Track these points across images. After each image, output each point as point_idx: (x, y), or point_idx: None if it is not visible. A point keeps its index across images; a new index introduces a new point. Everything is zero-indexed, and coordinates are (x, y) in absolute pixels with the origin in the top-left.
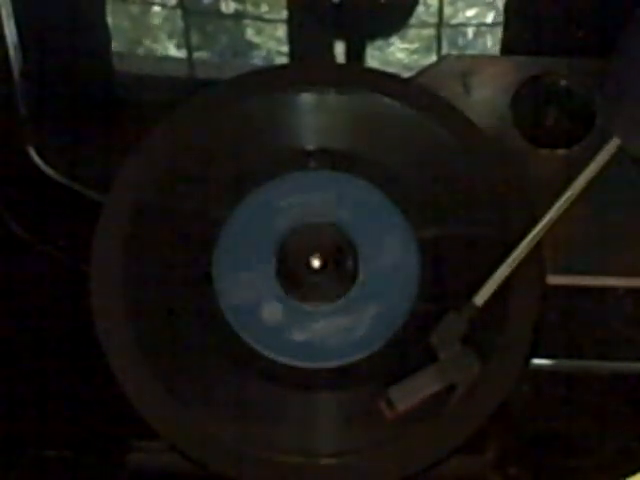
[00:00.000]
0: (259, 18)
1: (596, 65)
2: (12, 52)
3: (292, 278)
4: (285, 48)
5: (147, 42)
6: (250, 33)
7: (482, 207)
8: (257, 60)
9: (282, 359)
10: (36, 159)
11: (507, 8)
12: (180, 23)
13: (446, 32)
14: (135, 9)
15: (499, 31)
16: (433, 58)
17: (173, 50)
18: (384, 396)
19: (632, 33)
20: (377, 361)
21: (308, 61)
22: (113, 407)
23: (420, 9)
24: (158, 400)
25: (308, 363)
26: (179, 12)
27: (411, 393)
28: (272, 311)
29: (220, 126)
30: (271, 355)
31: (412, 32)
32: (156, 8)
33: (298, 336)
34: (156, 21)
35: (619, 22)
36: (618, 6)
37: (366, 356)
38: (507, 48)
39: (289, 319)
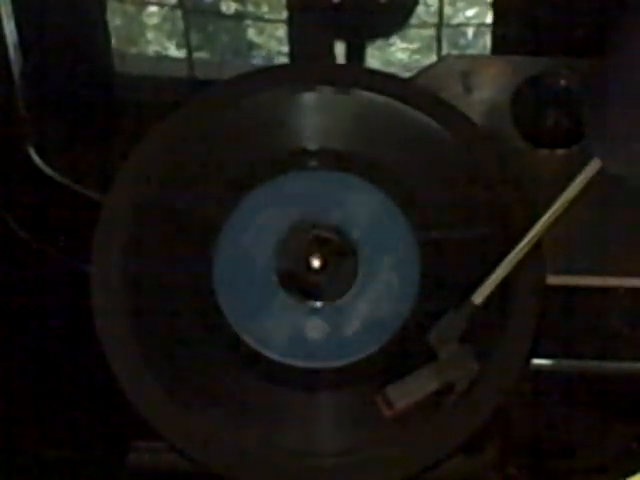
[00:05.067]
0: (259, 18)
1: (596, 65)
2: (12, 52)
3: (292, 278)
4: (285, 48)
5: (147, 42)
6: (251, 33)
7: (482, 207)
8: (257, 60)
9: (282, 359)
10: (36, 159)
11: (499, 8)
12: (180, 23)
13: (446, 32)
14: (135, 9)
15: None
16: (433, 58)
17: (173, 50)
18: (382, 395)
19: (609, 67)
20: (377, 361)
21: (308, 61)
22: (113, 407)
23: (420, 9)
24: (158, 400)
25: (308, 363)
26: (179, 12)
27: (409, 392)
28: (272, 311)
29: (220, 126)
30: (271, 355)
31: (412, 32)
32: (156, 8)
33: (298, 336)
34: (156, 21)
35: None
36: (617, 6)
37: (366, 356)
38: (500, 48)
39: (289, 319)
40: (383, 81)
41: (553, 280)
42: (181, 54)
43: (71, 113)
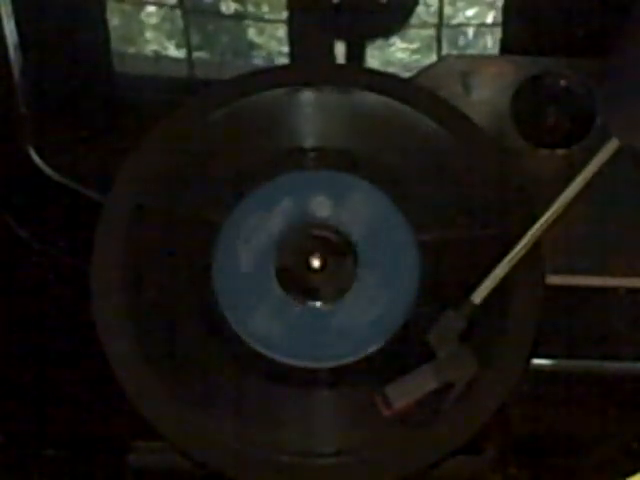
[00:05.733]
0: (259, 19)
1: (596, 65)
2: (12, 52)
3: (292, 278)
4: (285, 48)
5: (146, 42)
6: (251, 33)
7: (482, 206)
8: (258, 60)
9: (282, 359)
10: (36, 159)
11: (506, 8)
12: (180, 23)
13: (446, 32)
14: (135, 9)
15: (499, 31)
16: (433, 58)
17: (172, 50)
18: (382, 394)
19: (631, 34)
20: (376, 361)
21: (308, 61)
22: (113, 407)
23: (420, 9)
24: (158, 400)
25: (308, 363)
26: (179, 12)
27: (408, 391)
28: (272, 311)
29: (219, 126)
30: (271, 355)
31: (412, 32)
32: (155, 8)
33: (298, 336)
34: (155, 21)
35: (619, 22)
36: (618, 6)
37: (366, 356)
38: (506, 48)
39: (289, 319)
40: (383, 81)
41: (553, 280)
42: (181, 54)
43: (71, 113)
